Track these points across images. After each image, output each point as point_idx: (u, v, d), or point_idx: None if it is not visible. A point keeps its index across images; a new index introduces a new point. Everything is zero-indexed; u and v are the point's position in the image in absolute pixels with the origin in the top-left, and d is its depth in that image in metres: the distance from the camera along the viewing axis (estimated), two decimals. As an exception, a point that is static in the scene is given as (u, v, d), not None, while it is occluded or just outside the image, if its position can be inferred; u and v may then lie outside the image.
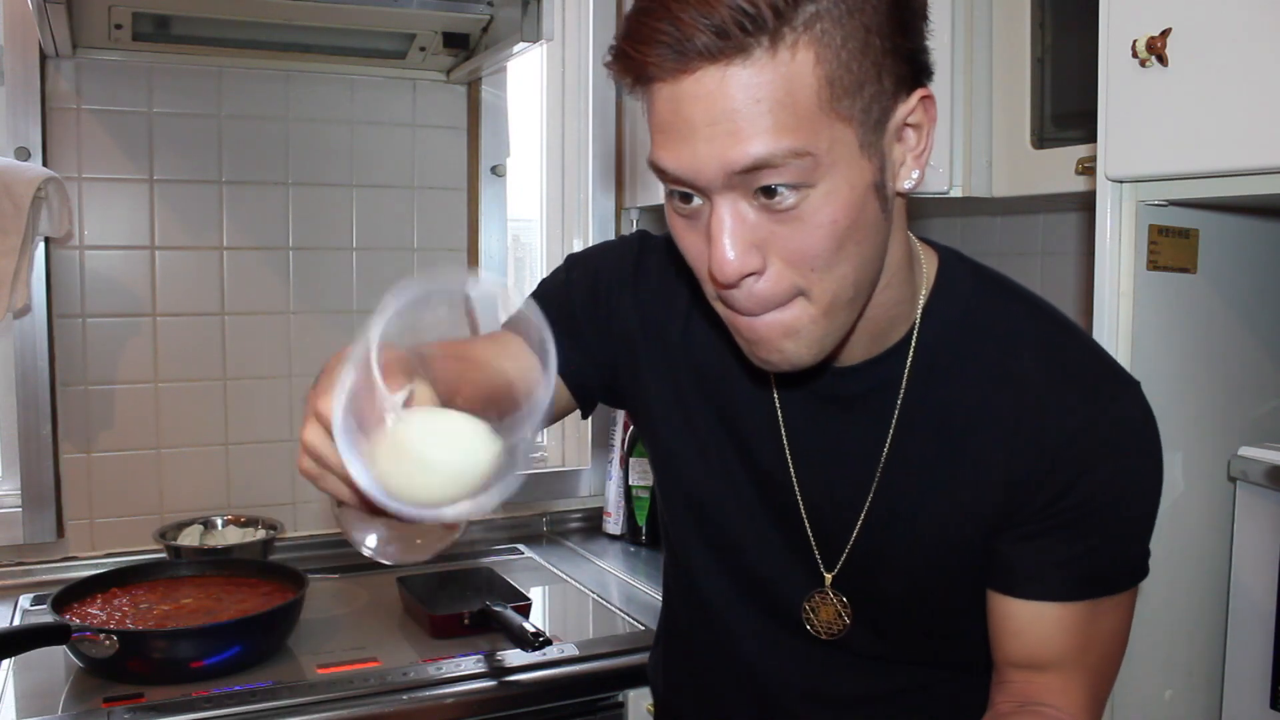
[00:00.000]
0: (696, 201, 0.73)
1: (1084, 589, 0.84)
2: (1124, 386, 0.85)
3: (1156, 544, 1.13)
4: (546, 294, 1.04)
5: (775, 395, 0.91)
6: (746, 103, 0.67)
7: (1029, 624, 0.85)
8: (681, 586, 1.06)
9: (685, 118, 0.69)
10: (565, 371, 0.95)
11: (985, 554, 0.86)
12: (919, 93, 0.74)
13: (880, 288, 0.81)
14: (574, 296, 1.01)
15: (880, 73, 0.70)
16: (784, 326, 0.75)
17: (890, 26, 0.70)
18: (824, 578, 0.92)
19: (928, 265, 0.87)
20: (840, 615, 0.92)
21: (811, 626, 0.94)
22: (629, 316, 0.99)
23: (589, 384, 1.02)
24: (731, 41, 0.66)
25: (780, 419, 0.91)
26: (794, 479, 0.91)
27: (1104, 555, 0.84)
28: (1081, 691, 0.85)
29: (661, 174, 0.73)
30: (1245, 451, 1.10)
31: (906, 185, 0.76)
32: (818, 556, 0.92)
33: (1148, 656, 1.14)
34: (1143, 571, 0.87)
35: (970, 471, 0.85)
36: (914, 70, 0.74)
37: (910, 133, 0.75)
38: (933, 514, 0.87)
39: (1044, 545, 0.84)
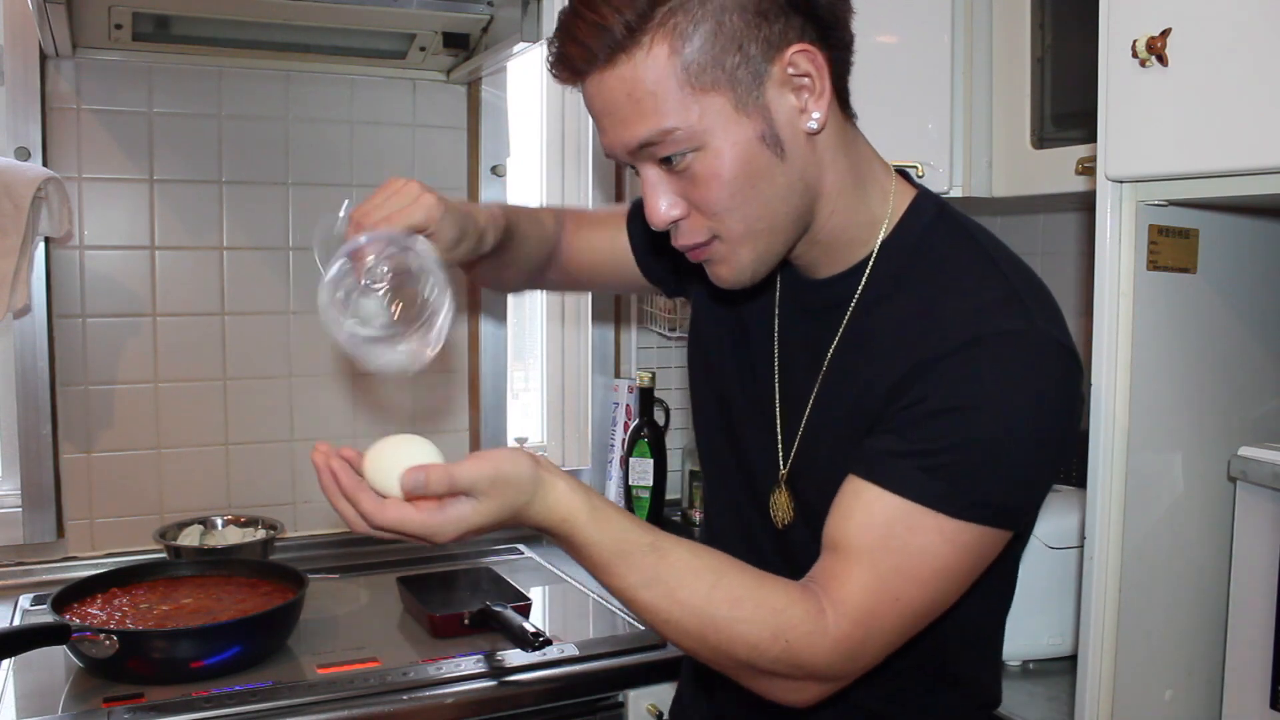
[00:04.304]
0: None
1: (907, 484, 0.84)
2: (1029, 323, 0.86)
3: (1156, 544, 1.13)
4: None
5: (776, 301, 1.03)
6: (621, 97, 0.84)
7: (845, 499, 0.87)
8: (705, 493, 1.19)
9: (595, 112, 0.88)
10: (645, 266, 1.22)
11: None
12: (792, 49, 0.84)
13: (825, 215, 0.92)
14: None
15: (743, 42, 0.83)
16: (712, 260, 0.92)
17: (749, 7, 0.82)
18: (780, 472, 1.01)
19: (897, 200, 0.95)
20: (789, 508, 1.00)
21: (773, 516, 1.01)
22: None
23: (663, 278, 1.22)
24: (600, 58, 0.84)
25: (775, 324, 1.02)
26: (776, 378, 1.02)
27: (945, 466, 0.83)
28: (860, 588, 0.83)
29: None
30: (1245, 451, 1.10)
31: (812, 126, 0.87)
32: (779, 450, 1.01)
33: (1148, 656, 1.14)
34: (979, 513, 0.84)
35: (881, 387, 0.90)
36: (791, 28, 0.84)
37: (804, 80, 0.86)
38: (850, 426, 0.92)
39: (895, 436, 0.86)
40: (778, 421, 1.01)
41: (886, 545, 0.84)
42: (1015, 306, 0.87)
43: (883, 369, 0.90)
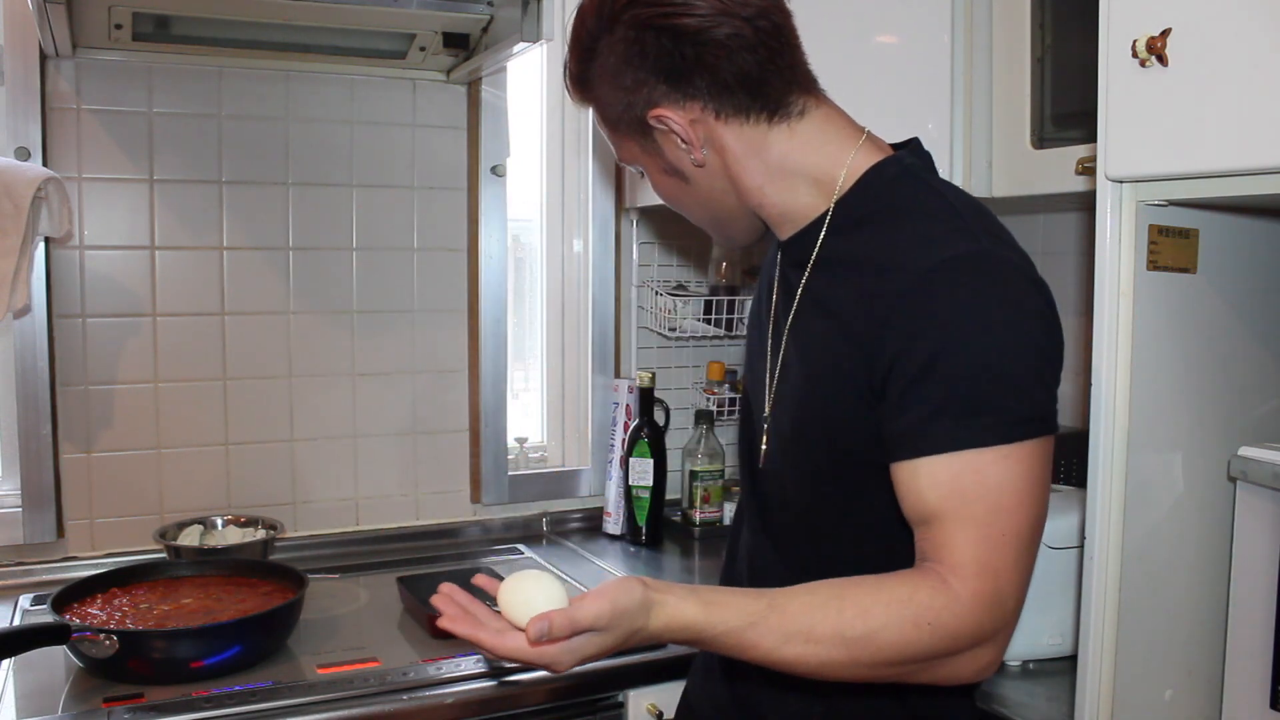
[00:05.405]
0: None
1: (950, 440, 0.87)
2: (978, 245, 0.90)
3: (1156, 544, 1.13)
4: None
5: (778, 260, 1.10)
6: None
7: (908, 482, 0.90)
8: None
9: None
10: None
11: (851, 419, 0.95)
12: (650, 114, 1.00)
13: (757, 202, 1.04)
14: None
15: (623, 110, 1.02)
16: None
17: (620, 80, 1.00)
18: (766, 413, 1.08)
19: (856, 162, 1.00)
20: (766, 447, 1.08)
21: (759, 455, 1.09)
22: None
23: None
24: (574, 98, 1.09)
25: (775, 279, 1.10)
26: (770, 329, 1.09)
27: (969, 403, 0.87)
28: (966, 544, 0.87)
29: None
30: (1245, 451, 1.10)
31: (695, 161, 1.02)
32: (767, 395, 1.08)
33: (1148, 656, 1.14)
34: (1023, 429, 0.88)
35: (839, 332, 0.96)
36: (655, 95, 0.99)
37: (672, 134, 1.01)
38: (815, 367, 0.99)
39: (910, 408, 0.89)
40: (766, 369, 1.08)
41: (967, 496, 0.87)
42: (963, 235, 0.91)
43: (843, 314, 0.96)
